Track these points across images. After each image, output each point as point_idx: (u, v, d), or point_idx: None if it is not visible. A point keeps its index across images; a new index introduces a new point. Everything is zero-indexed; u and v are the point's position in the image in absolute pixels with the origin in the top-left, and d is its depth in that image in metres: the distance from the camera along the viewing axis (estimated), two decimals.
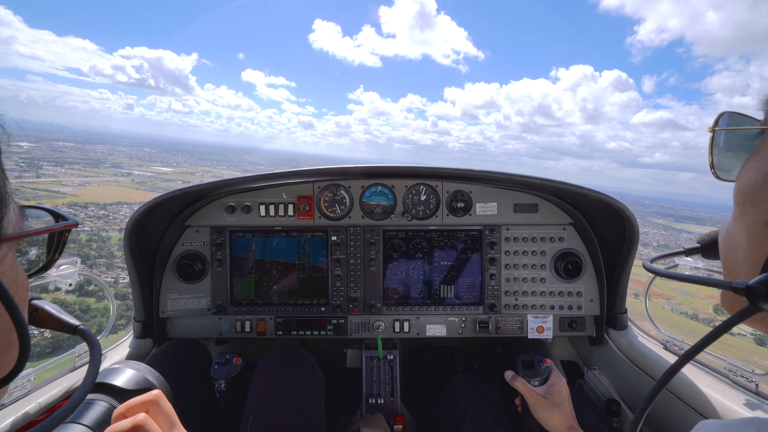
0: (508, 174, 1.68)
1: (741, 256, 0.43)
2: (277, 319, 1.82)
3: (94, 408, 0.80)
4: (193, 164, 55.18)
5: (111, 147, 60.39)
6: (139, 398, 0.66)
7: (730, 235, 0.46)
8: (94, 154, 50.73)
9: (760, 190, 0.40)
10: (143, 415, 0.63)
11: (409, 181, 1.82)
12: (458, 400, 1.49)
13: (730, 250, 0.47)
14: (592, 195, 1.58)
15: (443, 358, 2.31)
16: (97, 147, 57.22)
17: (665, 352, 1.50)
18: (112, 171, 43.04)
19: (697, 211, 44.02)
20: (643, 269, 0.68)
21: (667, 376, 0.48)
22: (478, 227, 1.82)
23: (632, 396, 1.56)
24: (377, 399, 1.79)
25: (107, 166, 45.37)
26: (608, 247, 1.72)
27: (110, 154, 53.55)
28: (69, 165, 41.02)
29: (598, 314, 1.77)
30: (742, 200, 0.43)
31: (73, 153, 48.93)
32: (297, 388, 1.53)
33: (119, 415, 0.64)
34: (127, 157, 54.03)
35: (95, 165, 44.31)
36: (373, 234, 1.83)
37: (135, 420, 0.62)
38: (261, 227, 1.82)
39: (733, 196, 0.45)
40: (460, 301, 1.83)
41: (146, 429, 0.61)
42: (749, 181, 0.42)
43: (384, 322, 1.83)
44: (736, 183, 0.45)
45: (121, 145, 65.99)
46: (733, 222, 0.45)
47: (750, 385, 1.20)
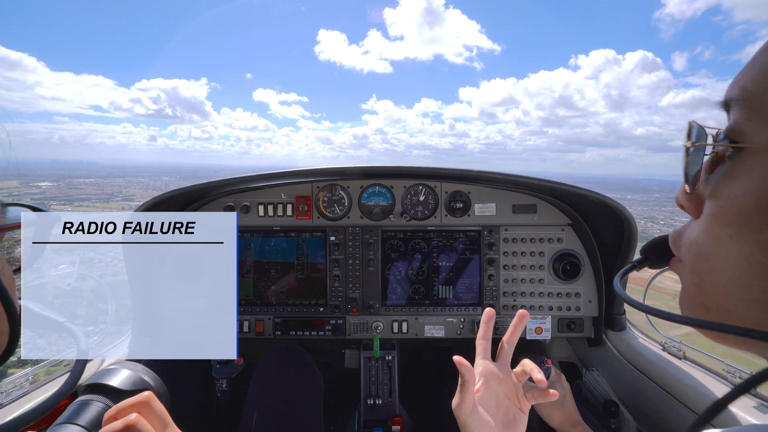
0: (507, 174, 1.68)
1: (729, 282, 0.39)
2: (275, 319, 1.83)
3: (90, 408, 0.80)
4: None
5: (130, 179, 60.47)
6: (131, 400, 0.67)
7: (708, 255, 0.41)
8: (111, 188, 50.71)
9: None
10: (135, 416, 0.63)
11: (407, 182, 1.83)
12: None
13: (709, 271, 0.42)
14: (590, 196, 1.58)
15: (441, 359, 2.31)
16: (116, 180, 57.41)
17: (664, 354, 1.50)
18: (121, 204, 42.84)
19: None
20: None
21: (713, 411, 0.42)
22: (477, 228, 1.82)
23: (630, 397, 1.56)
24: (375, 399, 1.79)
25: (118, 200, 45.28)
26: (607, 248, 1.72)
27: (127, 187, 53.36)
28: (79, 202, 41.26)
29: (597, 315, 1.77)
30: (737, 222, 0.38)
31: (90, 189, 48.87)
32: (295, 388, 1.54)
33: (110, 417, 0.64)
34: (143, 188, 53.72)
35: (106, 200, 44.44)
36: (371, 234, 1.83)
37: (126, 421, 0.62)
38: (259, 227, 1.82)
39: (715, 212, 0.40)
40: (459, 302, 1.83)
41: (138, 429, 0.62)
42: (747, 200, 0.37)
43: (382, 323, 1.83)
44: (717, 201, 0.40)
45: (141, 176, 66.22)
46: (718, 243, 0.40)
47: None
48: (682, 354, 1.44)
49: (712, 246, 0.41)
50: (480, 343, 0.96)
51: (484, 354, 0.96)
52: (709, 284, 0.42)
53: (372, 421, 1.77)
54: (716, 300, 0.42)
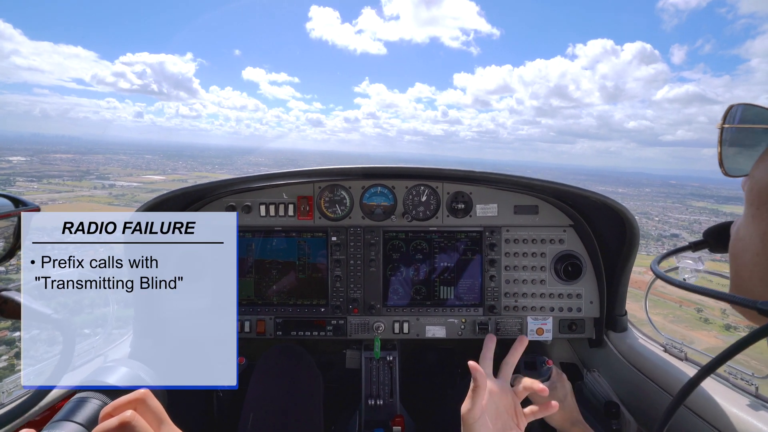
0: (509, 175, 1.68)
1: (751, 261, 0.40)
2: (276, 319, 1.82)
3: (87, 406, 0.80)
4: (192, 169, 52.69)
5: (111, 156, 57.52)
6: (126, 397, 0.66)
7: (741, 237, 0.43)
8: (88, 165, 47.78)
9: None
10: (130, 413, 0.63)
11: (409, 182, 1.82)
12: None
13: (740, 252, 0.43)
14: (592, 197, 1.58)
15: (443, 360, 2.31)
16: (95, 157, 55.12)
17: (665, 355, 1.50)
18: (94, 183, 39.94)
19: (733, 190, 41.66)
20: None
21: (684, 392, 0.44)
22: (479, 228, 1.82)
23: (632, 398, 1.56)
24: (376, 400, 1.79)
25: (92, 178, 42.15)
26: (608, 249, 1.72)
27: (105, 164, 50.29)
28: (48, 180, 38.29)
29: (598, 316, 1.77)
30: (757, 201, 0.39)
31: (64, 165, 45.88)
32: (296, 389, 1.54)
33: (106, 414, 0.64)
34: (122, 165, 51.04)
35: (80, 178, 41.43)
36: (373, 235, 1.82)
37: (122, 418, 0.62)
38: (261, 227, 1.82)
39: (746, 195, 0.41)
40: (460, 303, 1.83)
41: (133, 426, 0.61)
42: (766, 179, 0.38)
43: (383, 323, 1.82)
44: (750, 181, 0.41)
45: (123, 153, 63.98)
46: (746, 223, 0.41)
47: (750, 388, 1.20)
48: (684, 355, 1.44)
49: (743, 227, 0.41)
50: (484, 365, 1.02)
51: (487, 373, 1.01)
52: (740, 266, 0.42)
53: (373, 422, 1.77)
54: (744, 282, 0.42)
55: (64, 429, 0.76)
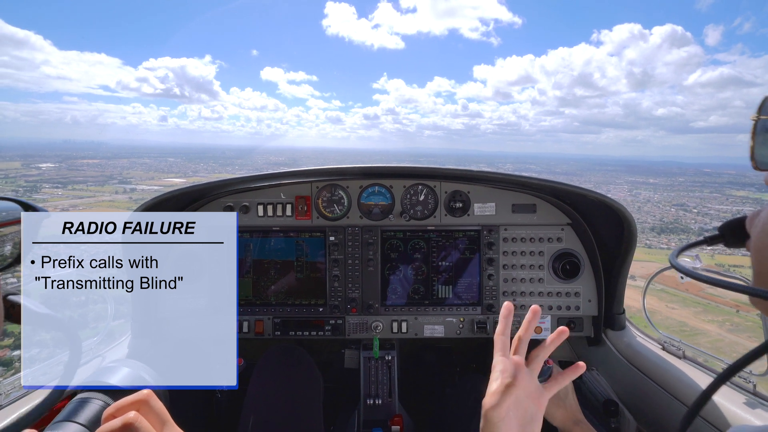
0: (507, 174, 1.68)
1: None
2: (275, 319, 1.82)
3: (90, 406, 0.80)
4: (212, 171, 52.45)
5: (135, 160, 57.40)
6: (129, 398, 0.66)
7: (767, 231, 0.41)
8: (112, 170, 47.96)
9: None
10: (134, 414, 0.63)
11: (407, 182, 1.83)
12: (468, 399, 1.49)
13: (765, 248, 0.42)
14: (590, 195, 1.58)
15: (441, 359, 2.31)
16: (120, 162, 55.12)
17: (663, 353, 1.50)
18: (115, 188, 40.26)
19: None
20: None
21: (703, 399, 0.41)
22: (477, 227, 1.82)
23: (630, 396, 1.56)
24: (375, 399, 1.79)
25: (114, 183, 42.48)
26: (606, 248, 1.72)
27: (129, 168, 50.41)
28: (73, 185, 38.67)
29: (596, 315, 1.77)
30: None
31: (90, 171, 46.01)
32: (295, 389, 1.54)
33: (109, 416, 0.64)
34: (146, 169, 50.75)
35: (103, 183, 41.70)
36: (371, 234, 1.83)
37: (125, 419, 0.61)
38: (259, 227, 1.82)
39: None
40: (458, 302, 1.83)
41: (137, 427, 0.61)
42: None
43: (382, 323, 1.83)
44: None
45: (147, 157, 64.01)
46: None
47: (748, 385, 1.20)
48: (682, 353, 1.44)
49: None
50: (500, 339, 0.92)
51: (503, 350, 0.92)
52: (765, 262, 0.41)
53: (371, 421, 1.77)
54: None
55: (66, 430, 0.76)
